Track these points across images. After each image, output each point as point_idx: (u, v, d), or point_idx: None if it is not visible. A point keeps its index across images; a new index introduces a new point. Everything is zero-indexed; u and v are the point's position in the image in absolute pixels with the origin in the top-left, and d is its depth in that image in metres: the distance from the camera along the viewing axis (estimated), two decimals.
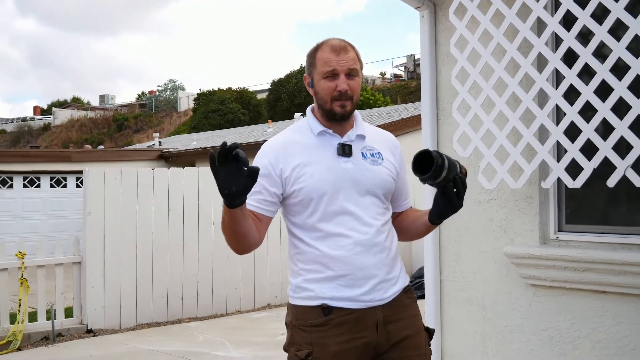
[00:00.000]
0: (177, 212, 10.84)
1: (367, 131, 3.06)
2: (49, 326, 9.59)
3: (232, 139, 23.88)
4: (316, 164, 2.91)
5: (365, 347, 2.88)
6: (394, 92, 45.17)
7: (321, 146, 2.95)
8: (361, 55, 3.04)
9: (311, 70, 3.01)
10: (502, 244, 4.54)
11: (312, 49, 3.02)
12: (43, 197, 18.66)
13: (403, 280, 3.03)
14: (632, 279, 3.87)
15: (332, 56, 2.91)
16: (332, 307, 2.86)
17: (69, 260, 10.10)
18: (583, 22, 3.86)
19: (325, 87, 2.92)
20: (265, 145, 3.02)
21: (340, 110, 2.91)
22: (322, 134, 2.97)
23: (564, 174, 3.96)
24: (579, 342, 4.19)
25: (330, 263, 2.87)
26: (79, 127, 62.20)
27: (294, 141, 2.98)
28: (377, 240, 2.91)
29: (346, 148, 2.93)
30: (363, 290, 2.87)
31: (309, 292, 2.91)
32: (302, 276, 2.95)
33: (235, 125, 39.57)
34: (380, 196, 2.95)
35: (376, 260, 2.90)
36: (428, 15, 4.93)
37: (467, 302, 4.81)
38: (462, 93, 4.47)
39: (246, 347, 8.75)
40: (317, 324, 2.88)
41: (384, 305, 2.92)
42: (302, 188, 2.89)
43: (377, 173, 2.96)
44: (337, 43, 2.95)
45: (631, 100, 3.63)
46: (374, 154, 3.00)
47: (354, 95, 2.94)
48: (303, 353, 2.87)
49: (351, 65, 2.91)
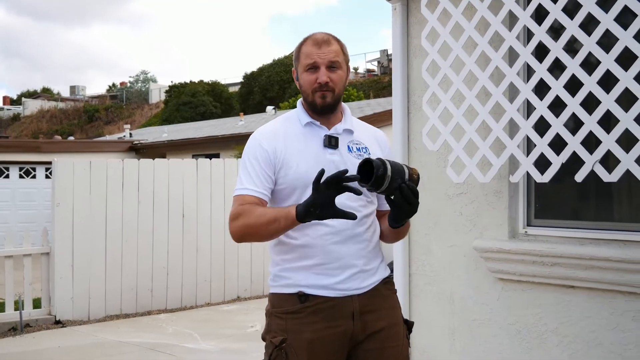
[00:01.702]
0: (146, 203, 10.78)
1: (355, 126, 3.09)
2: (17, 317, 9.53)
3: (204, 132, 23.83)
4: (302, 154, 2.94)
5: (340, 336, 2.88)
6: (366, 87, 45.22)
7: (308, 137, 2.99)
8: (347, 50, 3.07)
9: (296, 64, 3.06)
10: (471, 238, 4.54)
11: (299, 43, 3.06)
12: (12, 187, 18.50)
13: (383, 271, 3.05)
14: (600, 274, 3.88)
15: (314, 49, 2.96)
16: (309, 294, 2.88)
17: (37, 251, 10.04)
18: (554, 17, 3.86)
19: (307, 79, 2.97)
20: (257, 132, 3.05)
21: (321, 102, 2.95)
22: (309, 125, 3.01)
23: (532, 169, 3.96)
24: (547, 337, 4.20)
25: (308, 252, 2.89)
26: (49, 117, 61.67)
27: (283, 129, 3.02)
28: (356, 231, 2.92)
29: (332, 140, 2.96)
30: (339, 278, 2.88)
31: (287, 280, 2.94)
32: (280, 265, 2.97)
33: (207, 118, 39.46)
34: (364, 191, 2.92)
35: (354, 251, 2.91)
36: (400, 7, 4.92)
37: (435, 296, 4.81)
38: (433, 86, 4.46)
39: (215, 339, 8.72)
40: (292, 311, 2.90)
41: (361, 294, 2.93)
42: (287, 175, 2.92)
43: None
44: (321, 37, 3.00)
45: (601, 95, 3.63)
46: (360, 148, 3.03)
47: (336, 87, 2.97)
48: (277, 340, 2.89)
49: (332, 57, 2.96)
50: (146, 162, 10.98)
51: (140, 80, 68.34)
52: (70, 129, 56.03)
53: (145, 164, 10.91)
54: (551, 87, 3.85)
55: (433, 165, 4.76)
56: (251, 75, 47.92)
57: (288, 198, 2.94)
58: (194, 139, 22.29)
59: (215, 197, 11.40)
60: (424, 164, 4.80)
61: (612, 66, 3.59)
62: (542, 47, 3.93)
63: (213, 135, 21.91)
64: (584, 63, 3.74)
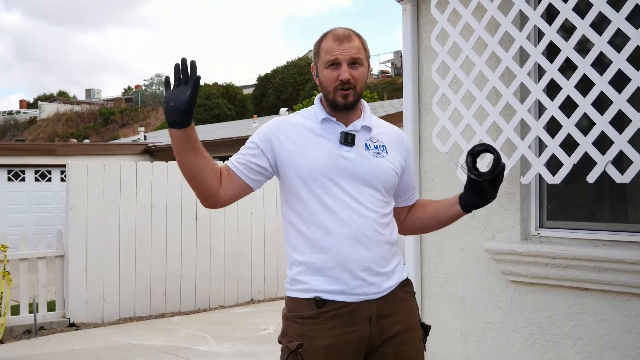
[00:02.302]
0: (160, 206, 10.78)
1: (374, 123, 3.02)
2: (32, 320, 9.53)
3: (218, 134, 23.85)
4: (314, 149, 2.88)
5: (357, 341, 2.85)
6: (380, 88, 45.15)
7: (324, 133, 2.92)
8: (368, 46, 2.99)
9: (316, 60, 2.98)
10: (483, 240, 4.50)
11: (318, 38, 2.99)
12: (28, 190, 18.57)
13: (400, 274, 2.98)
14: (614, 276, 3.84)
15: (335, 45, 2.88)
16: (326, 300, 2.84)
17: (51, 253, 10.05)
18: (565, 16, 3.82)
19: (328, 76, 2.89)
20: (274, 119, 3.02)
21: (342, 101, 2.88)
22: (326, 121, 2.94)
23: (543, 170, 3.93)
24: (560, 340, 4.16)
25: (324, 255, 2.84)
26: (65, 121, 62.00)
27: (299, 123, 2.97)
28: (371, 232, 2.86)
29: (349, 137, 2.89)
30: (356, 283, 2.84)
31: (303, 285, 2.88)
32: (296, 267, 2.92)
33: (221, 120, 39.52)
34: (380, 189, 2.90)
35: (369, 253, 2.85)
36: (410, 8, 4.89)
37: (447, 299, 4.78)
38: (443, 87, 4.44)
39: (228, 342, 8.71)
40: (309, 316, 2.85)
41: (379, 299, 2.88)
42: (299, 168, 2.87)
43: (379, 166, 2.91)
44: (342, 32, 2.91)
45: (612, 95, 3.60)
46: (378, 146, 2.95)
47: (357, 85, 2.89)
48: (293, 345, 2.85)
49: (354, 54, 2.87)
50: (159, 165, 10.98)
51: (155, 82, 68.52)
52: (86, 132, 56.32)
53: (158, 167, 10.91)
54: (562, 87, 3.82)
55: (444, 166, 4.73)
56: (265, 77, 48.00)
57: (300, 194, 2.88)
58: (207, 141, 22.30)
59: None
60: (434, 165, 4.77)
61: (623, 66, 3.56)
62: (553, 47, 3.89)
63: (227, 137, 21.91)
64: (596, 63, 3.70)
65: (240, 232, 11.44)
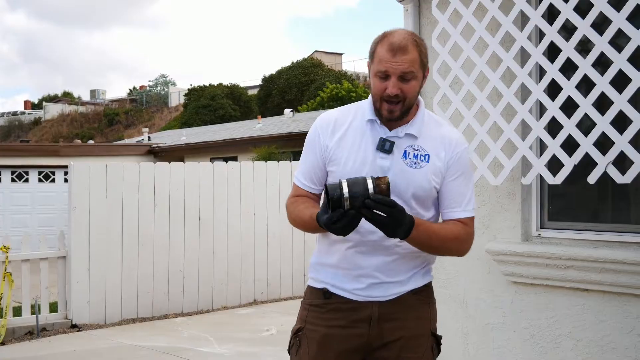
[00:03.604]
0: (163, 207, 10.77)
1: (424, 130, 2.87)
2: (34, 321, 9.53)
3: (222, 135, 23.87)
4: (354, 153, 2.84)
5: (354, 338, 2.86)
6: None
7: (366, 134, 2.85)
8: (427, 52, 2.83)
9: (370, 62, 2.86)
10: (484, 240, 4.49)
11: (377, 38, 2.82)
12: (31, 191, 18.61)
13: (415, 282, 2.91)
14: (615, 277, 3.83)
15: (388, 55, 2.72)
16: (332, 293, 2.90)
17: (53, 254, 10.04)
18: (566, 16, 3.81)
19: (377, 85, 2.77)
20: (320, 118, 2.99)
21: (388, 115, 2.78)
22: (371, 122, 2.86)
23: (544, 170, 3.92)
24: (560, 341, 4.14)
25: (335, 252, 2.89)
26: (69, 121, 62.11)
27: (344, 121, 2.91)
28: (386, 243, 2.80)
29: (386, 144, 2.80)
30: (360, 286, 2.85)
31: (317, 274, 2.98)
32: (316, 257, 3.00)
33: (226, 121, 39.55)
34: (409, 200, 2.79)
35: (378, 263, 2.83)
36: (412, 9, 4.88)
37: (449, 300, 4.76)
38: (444, 87, 4.43)
39: (230, 343, 8.70)
40: (315, 304, 2.94)
41: (383, 302, 2.86)
42: (333, 172, 2.86)
43: (412, 176, 2.79)
44: (398, 41, 2.73)
45: (613, 95, 3.58)
46: (417, 155, 2.82)
47: (407, 98, 2.76)
48: (295, 327, 2.98)
49: (406, 68, 2.71)
50: (162, 166, 10.98)
51: (159, 83, 68.65)
52: (91, 132, 56.39)
53: (161, 168, 10.91)
54: (563, 88, 3.81)
55: None
56: (270, 78, 47.98)
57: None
58: (211, 142, 22.33)
59: (231, 200, 11.38)
60: None
61: (624, 66, 3.55)
62: (554, 47, 3.88)
63: (231, 138, 21.95)
64: (596, 63, 3.69)
65: (243, 233, 11.43)
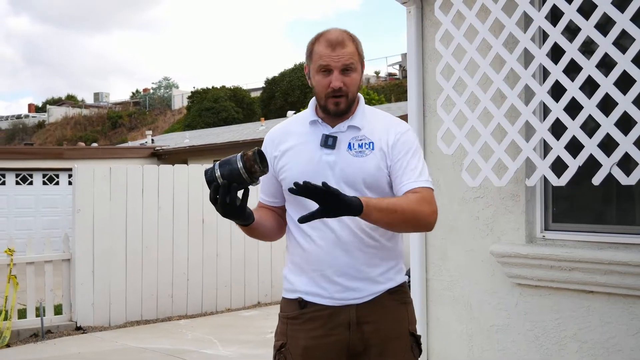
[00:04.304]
0: (166, 209, 10.77)
1: (365, 121, 2.90)
2: (38, 323, 9.52)
3: (225, 137, 23.88)
4: (298, 156, 2.87)
5: (336, 344, 2.84)
6: (388, 90, 45.16)
7: (310, 136, 2.89)
8: (362, 47, 2.89)
9: (308, 62, 2.90)
10: (488, 242, 4.48)
11: (312, 39, 2.89)
12: (36, 194, 18.60)
13: (392, 279, 2.91)
14: (619, 279, 3.82)
15: (327, 51, 2.78)
16: (307, 301, 2.86)
17: (58, 257, 10.05)
18: (569, 17, 3.81)
19: (320, 82, 2.82)
20: (267, 134, 3.03)
21: (334, 108, 2.82)
22: (313, 123, 2.90)
23: (548, 172, 3.91)
24: (565, 343, 4.13)
25: (305, 257, 2.86)
26: (73, 124, 62.21)
27: (288, 130, 2.97)
28: (351, 237, 2.81)
29: (329, 140, 2.83)
30: (334, 288, 2.82)
31: (290, 285, 2.95)
32: (287, 267, 2.98)
33: (229, 123, 39.56)
34: (362, 189, 2.81)
35: (349, 258, 2.82)
36: (415, 11, 4.88)
37: (453, 302, 4.76)
38: (447, 89, 4.42)
39: (234, 345, 8.69)
40: (292, 316, 2.90)
41: (360, 304, 2.84)
42: (284, 179, 2.89)
43: (360, 165, 2.82)
44: (335, 37, 2.80)
45: (618, 97, 3.58)
46: (362, 144, 2.85)
47: (350, 92, 2.81)
48: (278, 344, 2.93)
49: (346, 60, 2.78)
50: (166, 168, 10.98)
51: (162, 86, 68.74)
52: (94, 135, 56.45)
53: (165, 170, 10.91)
54: (567, 89, 3.80)
55: (449, 169, 4.71)
56: (272, 80, 48.02)
57: (288, 200, 2.94)
58: (215, 144, 22.32)
59: None
60: (440, 167, 4.76)
61: (628, 67, 3.54)
62: (558, 48, 3.88)
63: (234, 141, 21.93)
64: (600, 64, 3.69)
65: (247, 236, 11.40)
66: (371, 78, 50.86)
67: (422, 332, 4.83)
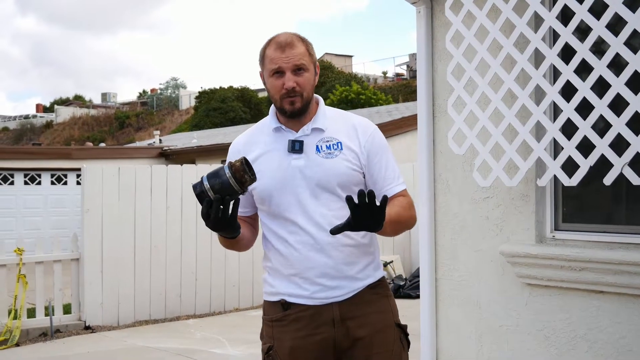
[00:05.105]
0: (175, 209, 10.80)
1: (328, 122, 2.95)
2: (47, 322, 9.58)
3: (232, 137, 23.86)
4: (267, 164, 2.90)
5: (322, 343, 2.88)
6: (395, 90, 45.18)
7: (275, 143, 2.93)
8: (314, 49, 2.97)
9: (262, 67, 2.97)
10: (498, 242, 4.48)
11: (263, 45, 2.96)
12: (44, 194, 18.67)
13: (369, 276, 2.97)
14: (630, 279, 3.81)
15: (277, 54, 2.86)
16: (290, 302, 2.90)
17: (67, 256, 10.10)
18: (581, 17, 3.80)
19: (274, 85, 2.88)
20: (231, 146, 3.05)
21: (290, 108, 2.87)
22: (277, 130, 2.95)
23: (560, 172, 3.90)
24: (576, 343, 4.13)
25: (283, 261, 2.90)
26: (81, 124, 62.35)
27: (252, 140, 3.00)
28: (330, 238, 2.83)
29: (296, 144, 2.88)
30: (315, 288, 2.87)
31: (271, 288, 2.98)
32: (266, 272, 3.02)
33: (237, 124, 39.60)
34: (335, 191, 2.86)
35: (327, 259, 2.86)
36: (425, 10, 4.87)
37: (462, 302, 4.75)
38: (458, 89, 4.42)
39: (243, 344, 8.71)
40: (276, 318, 2.94)
41: (342, 302, 2.89)
42: (255, 188, 2.90)
43: (331, 166, 2.86)
44: (284, 39, 2.88)
45: (629, 96, 3.57)
46: (330, 145, 2.90)
47: (304, 91, 2.87)
48: (265, 347, 2.97)
49: (297, 61, 2.85)
50: (174, 168, 11.02)
51: (170, 86, 68.84)
52: (102, 135, 56.57)
53: (173, 170, 10.95)
54: (578, 89, 3.79)
55: (459, 169, 4.71)
56: None
57: (262, 207, 2.98)
58: (222, 144, 22.31)
59: None
60: (449, 168, 4.76)
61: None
62: (569, 48, 3.87)
63: None
64: (612, 64, 3.68)
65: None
66: (379, 78, 50.89)
67: (432, 332, 4.83)
